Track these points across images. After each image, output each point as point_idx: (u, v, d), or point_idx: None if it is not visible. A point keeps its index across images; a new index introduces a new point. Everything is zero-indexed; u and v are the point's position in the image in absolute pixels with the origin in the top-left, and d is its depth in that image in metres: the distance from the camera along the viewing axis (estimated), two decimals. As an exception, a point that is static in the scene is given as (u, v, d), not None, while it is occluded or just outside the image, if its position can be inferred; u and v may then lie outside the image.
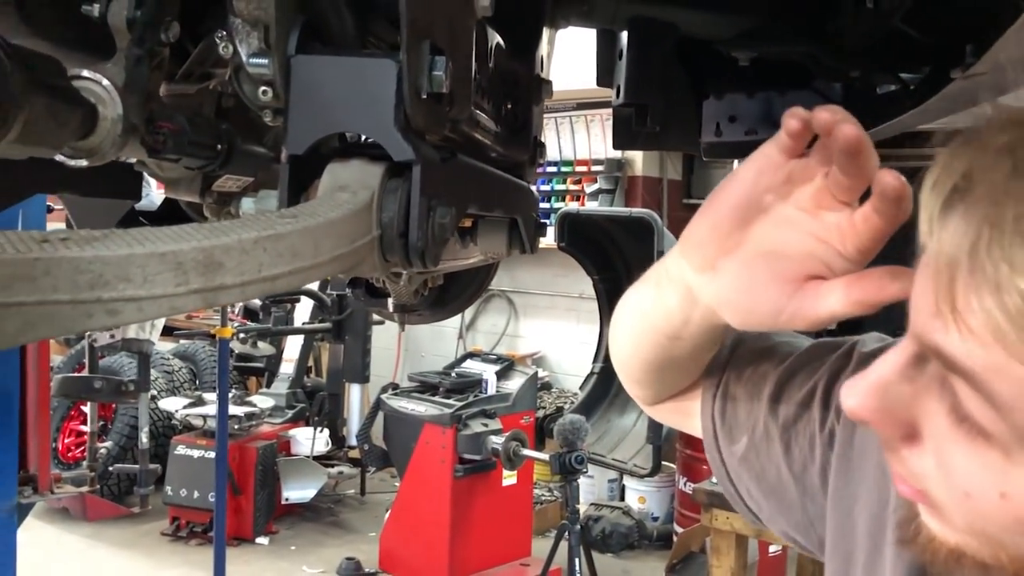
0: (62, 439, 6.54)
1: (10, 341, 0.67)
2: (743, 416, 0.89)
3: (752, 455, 0.88)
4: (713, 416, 0.91)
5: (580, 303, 7.18)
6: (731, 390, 0.90)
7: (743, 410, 0.89)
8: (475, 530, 5.40)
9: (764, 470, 0.87)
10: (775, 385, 0.87)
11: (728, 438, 0.90)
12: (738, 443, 0.89)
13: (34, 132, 0.88)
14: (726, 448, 0.90)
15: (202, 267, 0.70)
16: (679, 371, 0.90)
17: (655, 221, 4.96)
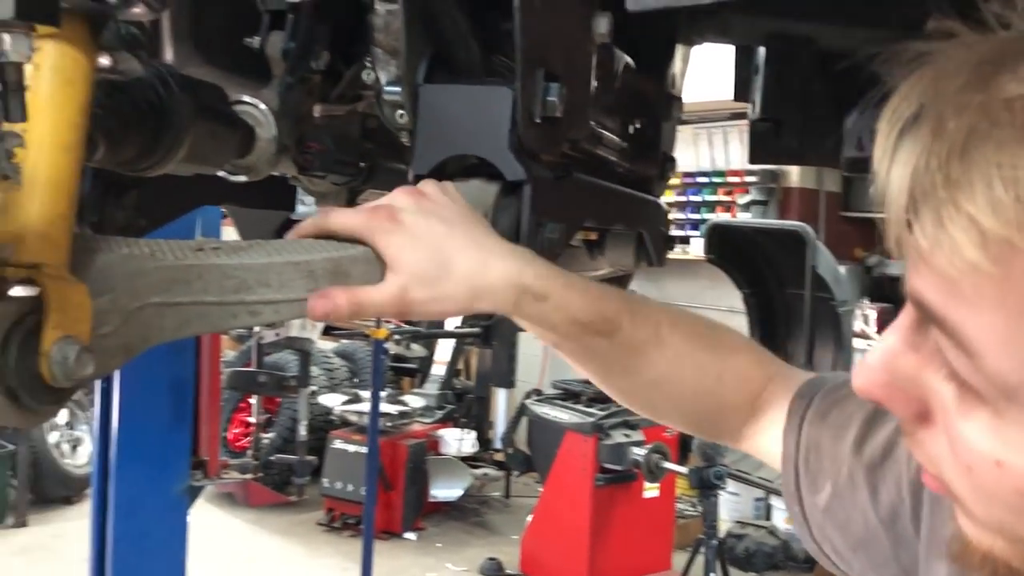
0: (232, 429, 7.01)
1: (169, 336, 0.78)
2: (827, 462, 0.83)
3: (836, 504, 0.82)
4: (796, 465, 0.86)
5: (730, 317, 7.04)
6: (813, 436, 0.85)
7: (827, 455, 0.83)
8: (615, 540, 5.41)
9: (850, 520, 0.81)
10: (861, 426, 0.82)
11: (811, 487, 0.85)
12: (822, 492, 0.83)
13: (199, 152, 1.00)
14: (808, 499, 0.85)
15: (331, 275, 0.79)
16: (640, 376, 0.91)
17: (807, 234, 4.83)
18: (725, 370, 0.92)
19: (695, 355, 0.91)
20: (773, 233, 5.27)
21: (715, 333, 0.94)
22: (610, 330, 0.86)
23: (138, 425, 3.25)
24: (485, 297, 0.81)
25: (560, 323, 0.84)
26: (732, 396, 0.92)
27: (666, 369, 0.90)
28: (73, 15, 0.71)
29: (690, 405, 0.94)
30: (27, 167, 0.70)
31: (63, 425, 6.72)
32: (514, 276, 0.81)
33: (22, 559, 5.69)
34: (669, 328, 0.90)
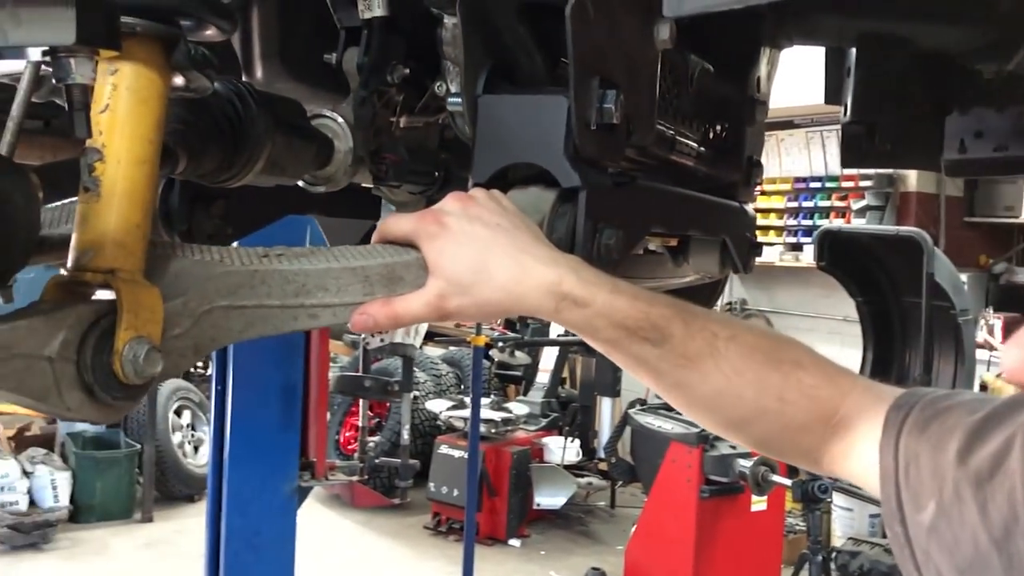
0: (343, 432, 7.21)
1: (235, 337, 0.83)
2: (928, 476, 0.76)
3: (943, 523, 0.74)
4: (897, 481, 0.79)
5: (844, 326, 6.83)
6: (912, 448, 0.79)
7: (927, 469, 0.77)
8: (721, 553, 5.30)
9: (958, 541, 0.73)
10: (965, 437, 0.75)
11: (914, 504, 0.77)
12: (925, 510, 0.76)
13: (277, 164, 1.05)
14: (912, 517, 0.77)
15: (385, 280, 0.83)
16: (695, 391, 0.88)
17: (924, 240, 4.64)
18: (788, 388, 0.87)
19: (755, 370, 0.87)
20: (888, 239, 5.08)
21: (778, 347, 0.90)
22: (659, 338, 0.85)
23: (250, 427, 3.39)
24: (524, 303, 0.82)
25: (604, 329, 0.84)
26: (799, 416, 0.87)
27: (723, 383, 0.87)
28: (147, 38, 0.76)
29: (754, 424, 0.89)
30: (105, 180, 0.76)
31: (186, 427, 7.06)
32: (553, 283, 0.82)
33: (148, 553, 6.01)
34: (726, 341, 0.87)
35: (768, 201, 7.57)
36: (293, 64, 1.33)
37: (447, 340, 7.79)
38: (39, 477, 6.15)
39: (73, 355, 0.72)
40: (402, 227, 0.85)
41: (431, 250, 0.83)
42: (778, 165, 7.38)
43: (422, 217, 0.85)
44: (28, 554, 5.82)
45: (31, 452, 6.41)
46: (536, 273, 0.82)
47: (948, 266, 4.85)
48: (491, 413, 6.48)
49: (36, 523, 5.89)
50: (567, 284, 0.82)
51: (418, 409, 6.75)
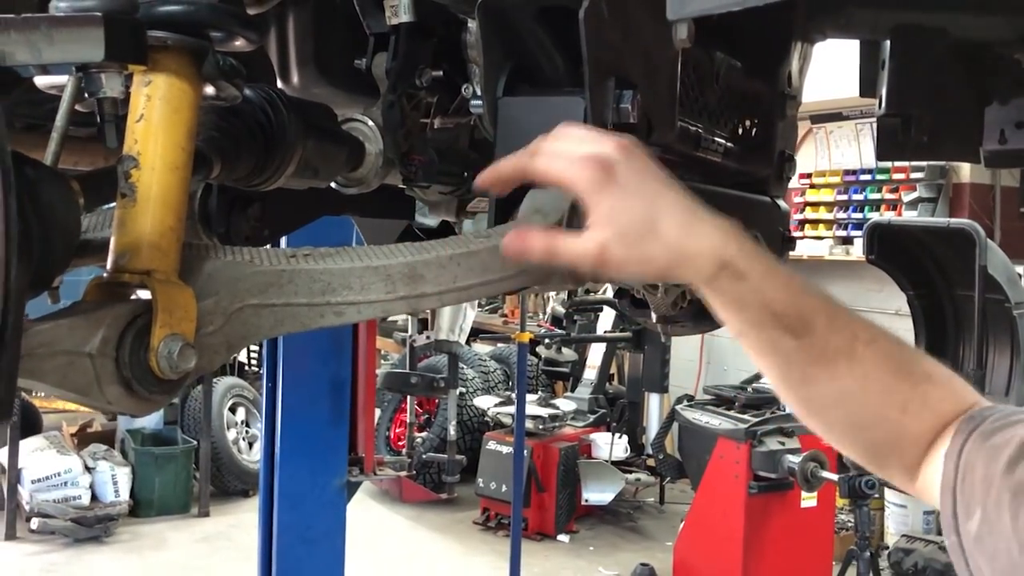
0: (394, 429, 7.31)
1: (265, 334, 0.87)
2: (980, 484, 0.75)
3: (985, 531, 0.73)
4: (955, 489, 0.78)
5: (896, 320, 6.71)
6: (971, 457, 0.77)
7: (980, 477, 0.75)
8: (770, 550, 5.26)
9: (996, 550, 0.72)
10: (1018, 447, 0.74)
11: (965, 513, 0.76)
12: (973, 518, 0.75)
13: (308, 167, 1.09)
14: (963, 526, 0.76)
15: (407, 278, 0.86)
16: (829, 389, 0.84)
17: (977, 233, 4.54)
18: (913, 399, 0.84)
19: (886, 378, 0.83)
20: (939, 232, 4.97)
21: (913, 358, 0.86)
22: (802, 329, 0.81)
23: (300, 424, 3.47)
24: (686, 265, 0.79)
25: (752, 308, 0.80)
26: (915, 426, 0.84)
27: (851, 386, 0.83)
28: (178, 51, 0.80)
29: (868, 432, 0.87)
30: (141, 186, 0.80)
31: (240, 423, 7.22)
32: (719, 247, 0.79)
33: (205, 546, 6.16)
34: (865, 344, 0.83)
35: (817, 194, 7.47)
36: (327, 70, 1.37)
37: (494, 337, 7.83)
38: (101, 472, 6.34)
39: (112, 351, 0.76)
40: (557, 170, 0.80)
41: (600, 200, 0.78)
42: (827, 158, 7.29)
43: (585, 163, 0.78)
44: (91, 546, 6.01)
45: (93, 448, 6.61)
46: (704, 234, 0.79)
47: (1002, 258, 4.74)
48: (538, 409, 6.50)
49: (98, 517, 6.08)
50: (731, 251, 0.79)
51: (466, 406, 6.80)
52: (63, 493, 6.11)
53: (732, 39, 1.42)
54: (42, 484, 6.05)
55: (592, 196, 0.78)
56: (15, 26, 0.60)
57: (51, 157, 0.87)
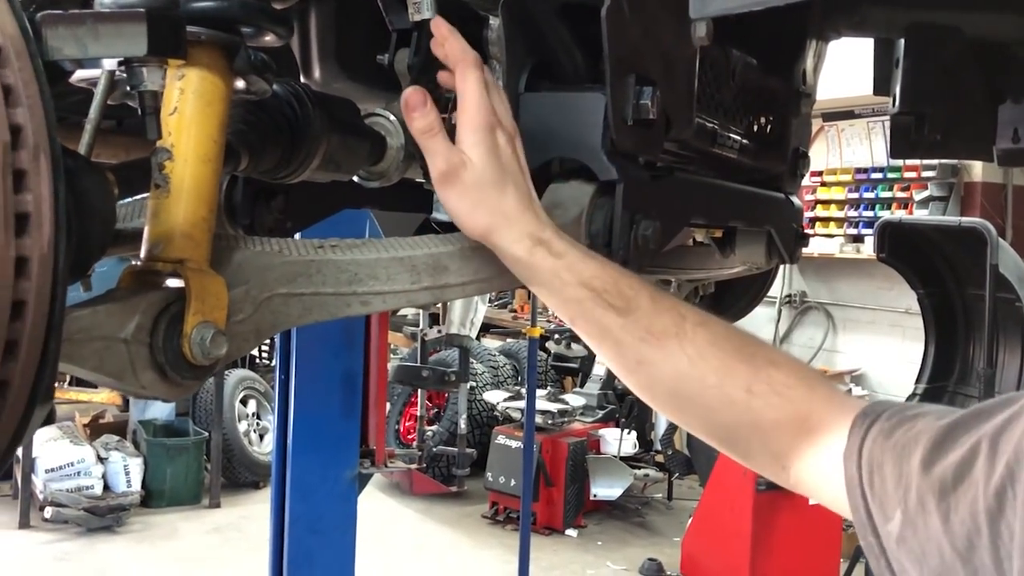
0: (404, 423, 7.34)
1: (294, 322, 0.89)
2: (892, 485, 0.74)
3: (909, 533, 0.71)
4: (862, 489, 0.76)
5: (906, 318, 6.72)
6: (876, 456, 0.76)
7: (892, 477, 0.74)
8: (778, 546, 5.28)
9: (925, 552, 0.70)
10: (929, 446, 0.72)
11: (881, 514, 0.74)
12: (892, 520, 0.73)
13: (332, 161, 1.11)
14: (882, 528, 0.74)
15: (431, 269, 0.88)
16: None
17: (988, 232, 4.56)
18: (757, 381, 0.83)
19: (722, 358, 0.84)
20: (951, 231, 4.99)
21: (751, 343, 0.88)
22: (625, 307, 0.85)
23: (312, 416, 3.49)
24: (504, 231, 0.87)
25: (570, 285, 0.86)
26: (769, 412, 0.83)
27: (687, 368, 0.84)
28: (210, 45, 0.83)
29: (717, 415, 0.86)
30: (174, 177, 0.83)
31: (252, 415, 7.26)
32: (537, 228, 0.87)
33: (216, 537, 6.21)
34: (695, 325, 0.85)
35: (828, 192, 7.47)
36: (348, 65, 1.39)
37: (504, 332, 7.86)
38: (113, 463, 6.39)
39: (147, 338, 0.79)
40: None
41: (476, 135, 0.90)
42: (839, 156, 7.29)
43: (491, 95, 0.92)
44: (103, 536, 6.06)
45: (105, 439, 6.66)
46: (530, 214, 0.88)
47: (1014, 257, 4.74)
48: (547, 404, 6.53)
49: (110, 507, 6.13)
50: (548, 233, 0.87)
51: (475, 400, 6.83)
52: (76, 483, 6.17)
53: (748, 37, 1.43)
54: (55, 474, 6.11)
55: (476, 130, 0.91)
56: (63, 21, 0.62)
57: (85, 148, 0.89)
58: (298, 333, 3.35)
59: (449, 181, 0.89)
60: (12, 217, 0.56)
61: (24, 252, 0.57)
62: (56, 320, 0.62)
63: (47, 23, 0.62)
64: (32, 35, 0.58)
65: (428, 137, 0.91)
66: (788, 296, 7.75)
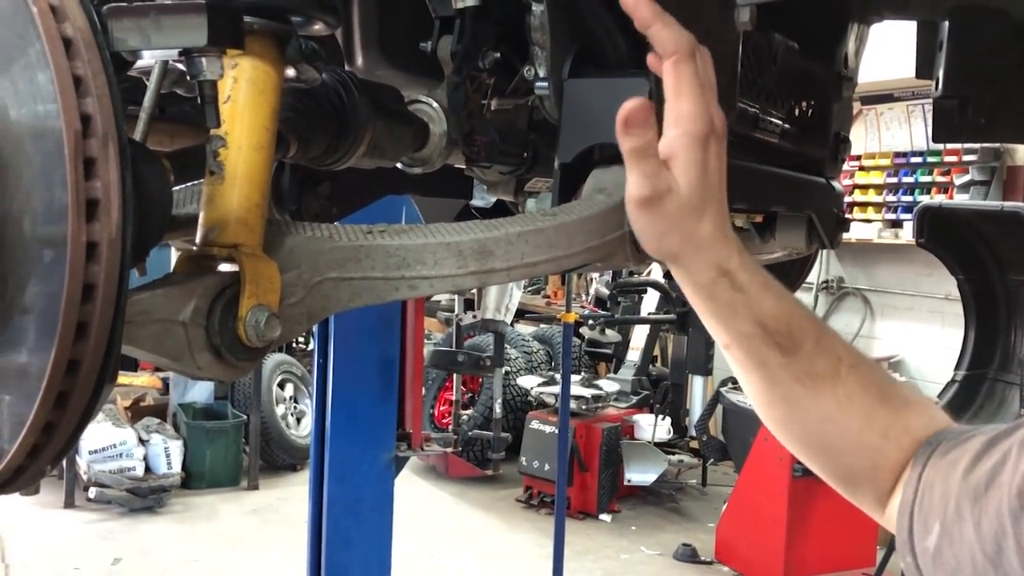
0: (438, 407, 7.40)
1: (343, 305, 0.91)
2: (937, 498, 0.74)
3: (945, 544, 0.71)
4: (912, 510, 0.76)
5: (945, 304, 6.63)
6: (930, 477, 0.76)
7: (939, 492, 0.74)
8: (813, 532, 5.26)
9: (959, 563, 0.70)
10: (973, 456, 0.73)
11: (922, 530, 0.74)
12: (931, 534, 0.73)
13: (377, 147, 1.13)
14: (920, 545, 0.74)
15: (477, 254, 0.89)
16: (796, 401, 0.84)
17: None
18: (894, 425, 0.83)
19: (868, 402, 0.83)
20: (992, 215, 4.90)
21: (892, 384, 0.87)
22: (791, 347, 0.82)
23: (350, 399, 3.54)
24: (694, 259, 0.81)
25: (745, 320, 0.82)
26: (895, 454, 0.82)
27: (834, 411, 0.83)
28: (263, 35, 0.84)
29: (845, 457, 0.85)
30: (228, 164, 0.85)
31: (289, 399, 7.36)
32: (725, 255, 0.81)
33: (254, 518, 6.31)
34: (849, 368, 0.84)
35: (867, 177, 7.38)
36: (391, 53, 1.40)
37: (537, 317, 7.88)
38: (154, 445, 6.52)
39: (203, 320, 0.81)
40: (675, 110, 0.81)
41: (691, 154, 0.80)
42: (877, 140, 7.19)
43: (694, 120, 0.81)
44: (145, 516, 6.19)
45: (146, 421, 6.79)
46: (722, 241, 0.81)
47: (1057, 242, 4.65)
48: (581, 390, 6.54)
49: (152, 488, 6.26)
50: (734, 262, 0.81)
51: (509, 385, 6.86)
52: (118, 464, 6.30)
53: (790, 21, 1.43)
54: (98, 455, 6.24)
55: (691, 147, 0.81)
56: (128, 14, 0.64)
57: (140, 136, 0.92)
58: (336, 318, 3.38)
59: (648, 206, 0.81)
60: (83, 203, 0.58)
61: (94, 237, 0.59)
62: (122, 303, 0.64)
63: (112, 15, 0.64)
64: (99, 27, 0.61)
65: (640, 158, 0.80)
66: (825, 282, 7.68)
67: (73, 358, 0.61)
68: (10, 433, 0.64)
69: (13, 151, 0.61)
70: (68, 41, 0.59)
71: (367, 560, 3.59)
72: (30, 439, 0.62)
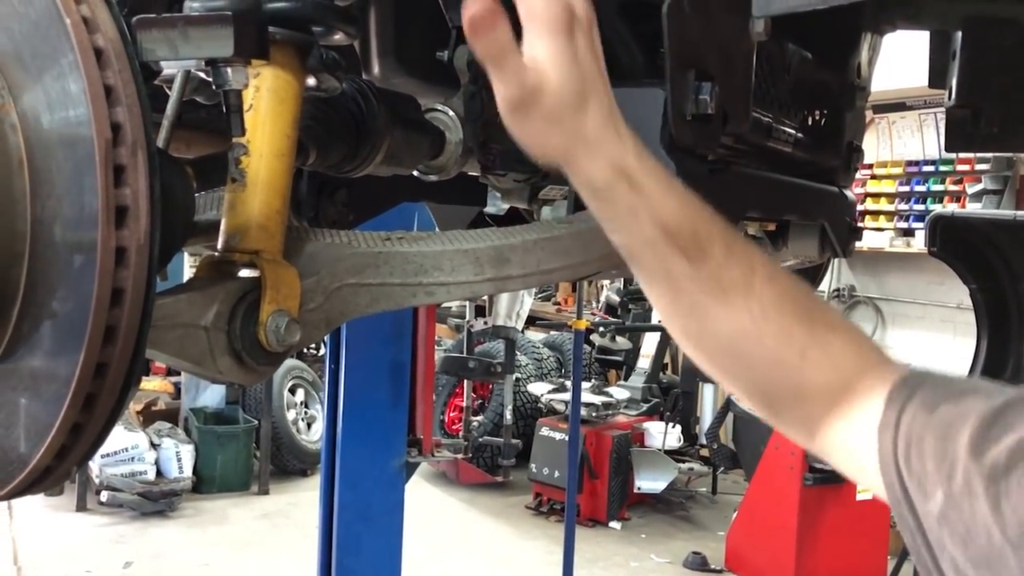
0: (448, 413, 7.40)
1: (362, 311, 0.92)
2: (933, 462, 0.70)
3: (954, 513, 0.67)
4: (897, 465, 0.72)
5: (957, 314, 6.61)
6: (917, 431, 0.72)
7: (932, 455, 0.70)
8: (824, 542, 5.25)
9: (970, 532, 0.67)
10: (980, 424, 0.68)
11: (920, 491, 0.70)
12: (933, 498, 0.69)
13: (395, 155, 1.14)
14: (920, 505, 0.70)
15: (494, 261, 0.91)
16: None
17: (1044, 225, 4.47)
18: (812, 346, 0.79)
19: (784, 320, 0.78)
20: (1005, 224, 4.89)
21: (816, 305, 0.82)
22: (697, 254, 0.77)
23: (361, 405, 3.55)
24: (586, 158, 0.76)
25: (646, 224, 0.77)
26: (815, 377, 0.79)
27: (747, 325, 0.78)
28: (284, 45, 0.86)
29: (763, 375, 0.81)
30: (250, 171, 0.86)
31: (300, 404, 7.38)
32: (621, 154, 0.76)
33: (264, 523, 6.33)
34: (764, 281, 0.79)
35: (879, 185, 7.37)
36: (407, 61, 1.42)
37: (548, 324, 7.88)
38: (165, 449, 6.54)
39: (225, 325, 0.82)
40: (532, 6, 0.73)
41: (558, 44, 0.73)
42: (889, 148, 7.18)
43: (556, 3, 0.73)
44: (156, 519, 6.21)
45: (158, 426, 6.82)
46: (611, 131, 0.76)
47: (1071, 252, 4.65)
48: (592, 397, 6.54)
49: (163, 492, 6.28)
50: (631, 160, 0.76)
51: (519, 392, 6.87)
52: (130, 468, 6.33)
53: (804, 31, 1.44)
54: (110, 459, 6.27)
55: (552, 36, 0.73)
56: (156, 25, 0.66)
57: (162, 144, 0.93)
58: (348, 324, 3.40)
59: (522, 108, 0.74)
60: (113, 210, 0.60)
61: (123, 243, 0.61)
62: (149, 307, 0.65)
63: (141, 27, 0.66)
64: (129, 38, 0.62)
65: (500, 61, 0.73)
66: (837, 290, 7.67)
67: (101, 361, 0.62)
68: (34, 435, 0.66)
69: (45, 158, 0.62)
70: (100, 52, 0.60)
71: (377, 565, 3.59)
72: (58, 440, 0.63)
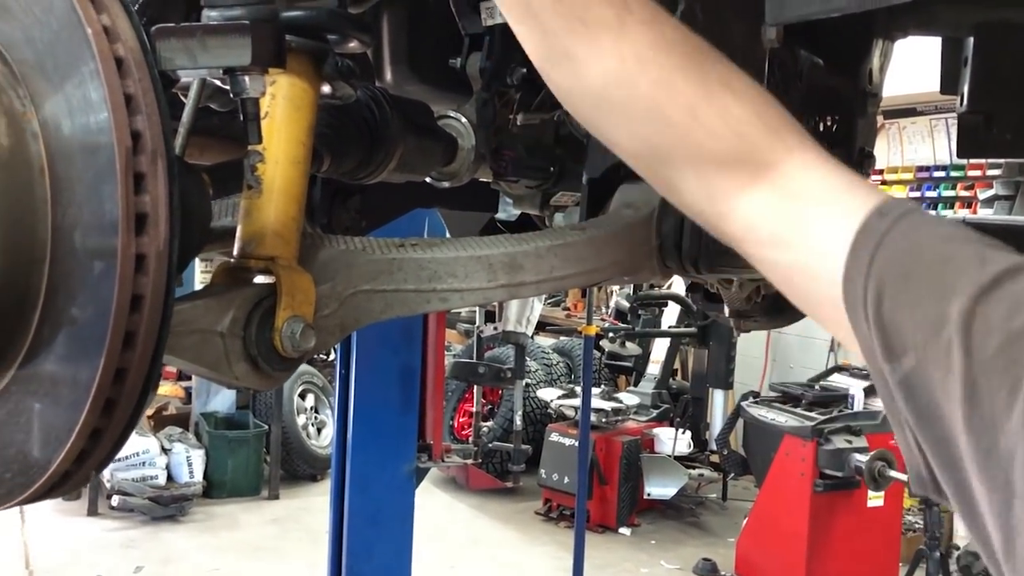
0: (457, 418, 7.41)
1: (376, 317, 0.93)
2: (910, 323, 0.59)
3: (918, 381, 0.59)
4: (866, 312, 0.62)
5: (969, 319, 6.58)
6: (892, 278, 0.61)
7: (912, 313, 0.60)
8: (835, 548, 5.22)
9: (929, 408, 0.58)
10: (974, 293, 0.57)
11: (887, 350, 0.61)
12: (901, 360, 0.60)
13: (408, 162, 1.15)
14: (888, 363, 0.61)
15: (507, 267, 0.91)
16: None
17: (1056, 231, 4.45)
18: (704, 106, 0.67)
19: (667, 70, 0.67)
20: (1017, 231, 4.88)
21: (710, 58, 0.70)
22: None
23: (372, 410, 3.56)
24: None
25: None
26: (711, 143, 0.68)
27: (618, 71, 0.68)
28: (300, 53, 0.87)
29: (646, 131, 0.70)
30: (266, 178, 0.87)
31: (310, 410, 7.39)
32: None
33: (274, 528, 6.34)
34: (640, 22, 0.68)
35: (889, 191, 7.35)
36: (420, 68, 1.43)
37: (558, 330, 7.88)
38: (176, 454, 6.56)
39: (240, 331, 0.83)
40: None
41: None
42: (900, 154, 7.16)
43: None
44: (167, 524, 6.23)
45: (168, 431, 6.84)
46: None
47: (1083, 258, 4.63)
48: (601, 403, 6.54)
49: (174, 496, 6.30)
50: None
51: (529, 397, 6.86)
52: (141, 473, 6.35)
53: (815, 37, 1.44)
54: (122, 464, 6.29)
55: None
56: (175, 34, 0.66)
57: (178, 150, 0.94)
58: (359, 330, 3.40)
59: None
60: (133, 217, 0.61)
61: (143, 250, 0.62)
62: (168, 313, 0.66)
63: (160, 36, 0.67)
64: (149, 47, 0.63)
65: None
66: (847, 296, 7.64)
67: (121, 366, 0.63)
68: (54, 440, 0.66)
69: (66, 165, 0.63)
70: (120, 61, 0.61)
71: (387, 571, 3.60)
72: (78, 445, 0.64)
